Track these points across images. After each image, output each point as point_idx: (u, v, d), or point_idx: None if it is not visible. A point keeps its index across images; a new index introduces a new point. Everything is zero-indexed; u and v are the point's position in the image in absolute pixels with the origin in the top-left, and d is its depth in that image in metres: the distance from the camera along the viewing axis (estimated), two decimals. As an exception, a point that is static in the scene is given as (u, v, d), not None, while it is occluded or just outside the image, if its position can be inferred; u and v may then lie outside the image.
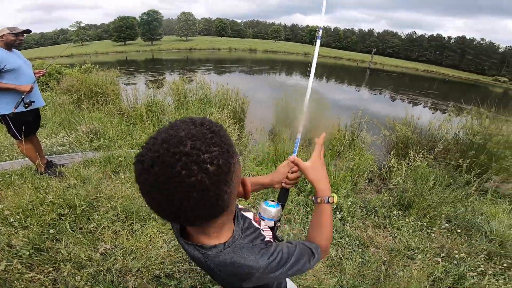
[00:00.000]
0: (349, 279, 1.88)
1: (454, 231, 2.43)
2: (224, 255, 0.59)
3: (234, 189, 0.51)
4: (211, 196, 0.45)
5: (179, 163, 0.41)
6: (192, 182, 0.42)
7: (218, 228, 0.60)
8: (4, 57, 2.36)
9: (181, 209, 0.45)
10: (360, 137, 4.16)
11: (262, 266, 0.60)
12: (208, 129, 0.46)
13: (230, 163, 0.46)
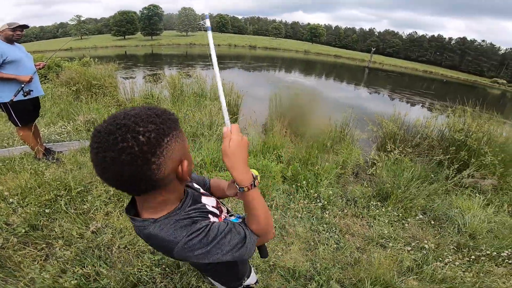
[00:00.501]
0: (323, 262, 1.99)
1: (428, 223, 2.56)
2: (149, 229, 0.64)
3: (165, 165, 0.57)
4: (138, 164, 0.52)
5: (118, 131, 0.51)
6: (123, 146, 0.50)
7: (158, 204, 0.66)
8: (5, 49, 2.49)
9: (115, 172, 0.52)
10: (350, 133, 4.31)
11: (180, 241, 0.63)
12: (154, 112, 0.56)
13: (162, 139, 0.54)
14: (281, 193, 2.66)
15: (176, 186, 0.66)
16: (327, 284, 1.82)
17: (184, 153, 0.63)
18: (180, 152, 0.60)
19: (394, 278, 1.83)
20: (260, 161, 2.91)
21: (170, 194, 0.67)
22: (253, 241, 0.72)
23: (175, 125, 0.59)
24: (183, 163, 0.62)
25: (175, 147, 0.58)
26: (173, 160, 0.58)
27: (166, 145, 0.55)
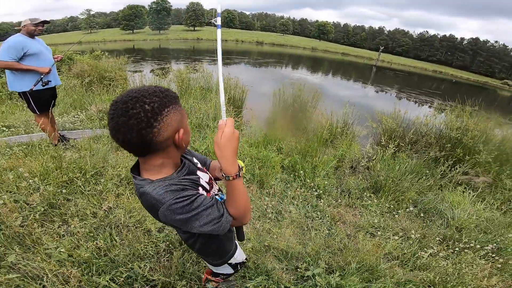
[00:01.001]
0: (314, 246, 2.11)
1: (417, 215, 2.68)
2: (145, 188, 0.76)
3: (164, 130, 0.70)
4: (143, 127, 0.66)
5: (130, 101, 0.66)
6: (133, 113, 0.65)
7: (156, 167, 0.78)
8: (27, 43, 2.70)
9: (125, 133, 0.66)
10: (351, 129, 4.43)
11: (166, 202, 0.73)
12: (159, 89, 0.72)
13: (163, 108, 0.69)
14: (279, 181, 2.82)
15: (173, 152, 0.79)
16: (316, 265, 1.95)
17: (181, 123, 0.75)
18: (177, 122, 0.73)
19: (379, 264, 1.96)
20: (261, 152, 3.07)
21: (167, 158, 0.79)
22: (228, 221, 0.81)
23: (175, 100, 0.74)
24: (179, 131, 0.75)
25: (173, 116, 0.71)
26: (171, 127, 0.71)
27: (166, 114, 0.69)
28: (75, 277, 1.58)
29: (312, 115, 4.21)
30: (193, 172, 0.90)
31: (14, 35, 2.76)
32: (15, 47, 2.64)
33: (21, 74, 2.75)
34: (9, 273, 1.56)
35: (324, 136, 3.58)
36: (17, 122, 4.02)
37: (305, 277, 1.85)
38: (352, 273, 1.83)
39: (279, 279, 1.79)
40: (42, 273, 1.57)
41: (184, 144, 0.79)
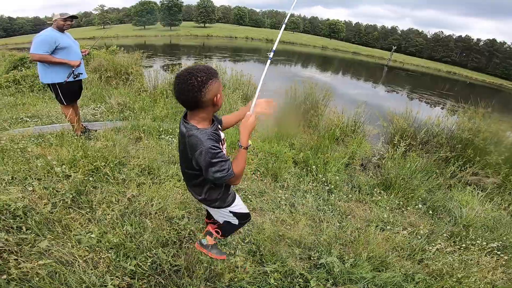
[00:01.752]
0: (326, 237, 2.20)
1: (426, 212, 2.74)
2: (193, 131, 1.17)
3: (208, 93, 1.11)
4: (195, 91, 1.08)
5: (188, 75, 1.08)
6: (190, 82, 1.07)
7: (200, 119, 1.21)
8: (58, 37, 2.86)
9: (184, 94, 1.10)
10: (362, 128, 4.48)
11: (206, 145, 1.13)
12: (205, 67, 1.12)
13: (207, 80, 1.09)
14: (292, 175, 2.92)
15: (211, 110, 1.20)
16: (328, 254, 2.03)
17: (219, 91, 1.16)
18: (216, 90, 1.14)
19: (388, 256, 2.04)
20: (273, 147, 3.17)
21: (206, 114, 1.21)
22: (230, 174, 1.19)
23: (216, 75, 1.14)
24: (217, 95, 1.16)
25: (214, 85, 1.12)
26: (212, 92, 1.12)
27: (210, 84, 1.10)
28: (104, 262, 1.66)
29: (324, 113, 4.29)
30: (217, 130, 1.29)
31: (46, 29, 2.91)
32: (48, 41, 2.79)
33: (52, 67, 2.91)
34: (41, 258, 1.61)
35: (335, 133, 3.65)
36: (40, 113, 4.23)
37: (318, 265, 1.94)
38: (363, 263, 1.92)
39: (294, 266, 1.88)
40: (72, 258, 1.65)
41: (219, 105, 1.20)
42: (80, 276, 1.55)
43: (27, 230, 1.78)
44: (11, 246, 1.64)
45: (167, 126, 3.69)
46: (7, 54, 9.78)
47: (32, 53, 2.80)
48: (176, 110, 4.27)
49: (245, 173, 2.85)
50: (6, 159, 2.55)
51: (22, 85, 5.77)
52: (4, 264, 1.54)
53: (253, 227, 2.17)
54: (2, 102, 4.67)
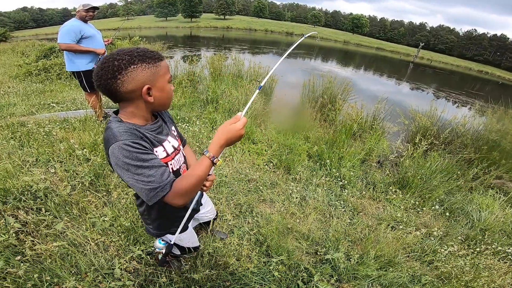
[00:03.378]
0: (335, 233, 2.16)
1: (443, 214, 2.62)
2: (112, 123, 0.85)
3: (127, 82, 0.80)
4: (108, 77, 0.79)
5: (106, 57, 0.81)
6: (104, 66, 0.80)
7: (128, 113, 0.89)
8: (82, 27, 2.97)
9: (99, 81, 0.81)
10: (381, 124, 4.33)
11: (120, 141, 0.79)
12: (137, 50, 0.83)
13: (129, 65, 0.79)
14: (305, 168, 2.89)
15: (140, 105, 0.87)
16: (335, 250, 2.00)
17: (150, 81, 0.83)
18: (144, 78, 0.82)
19: (397, 256, 1.98)
20: (288, 139, 3.14)
21: (136, 109, 0.88)
22: (163, 188, 0.82)
23: (150, 60, 0.83)
24: (146, 87, 0.83)
25: (139, 73, 0.81)
26: (135, 81, 0.81)
27: (131, 70, 0.80)
28: (114, 245, 1.70)
29: (342, 107, 4.17)
30: (162, 133, 0.99)
31: (70, 20, 3.03)
32: (73, 30, 2.91)
33: (77, 56, 3.04)
34: (56, 240, 1.65)
35: (353, 129, 3.56)
36: (65, 99, 4.45)
37: (323, 260, 1.92)
38: (369, 261, 1.87)
39: (299, 260, 1.88)
40: (85, 241, 1.68)
41: (153, 101, 0.87)
42: (90, 259, 1.58)
43: (45, 212, 1.82)
44: (29, 227, 1.70)
45: (183, 115, 3.76)
46: (38, 44, 10.37)
47: (59, 42, 2.93)
48: (193, 100, 4.34)
49: (257, 163, 2.85)
50: (31, 141, 2.69)
51: (51, 73, 6.10)
52: (20, 245, 1.60)
53: (262, 218, 2.18)
54: (31, 89, 4.94)
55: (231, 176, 2.59)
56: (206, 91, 4.58)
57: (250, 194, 2.45)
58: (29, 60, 7.40)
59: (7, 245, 1.57)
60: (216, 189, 2.40)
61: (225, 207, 2.20)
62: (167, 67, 0.89)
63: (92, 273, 1.51)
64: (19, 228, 1.69)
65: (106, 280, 1.49)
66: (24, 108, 3.85)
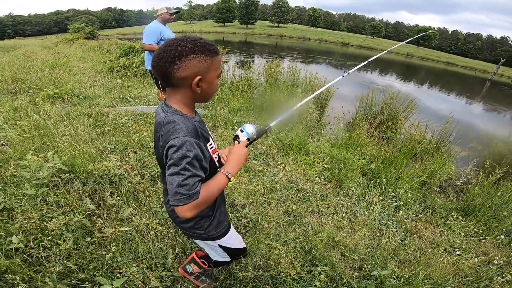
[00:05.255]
0: (383, 252, 2.05)
1: (508, 244, 2.35)
2: (176, 117, 0.87)
3: (183, 69, 0.81)
4: (168, 61, 0.80)
5: (171, 41, 0.83)
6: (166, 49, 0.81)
7: (178, 102, 0.90)
8: (163, 29, 3.35)
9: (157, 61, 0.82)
10: (447, 147, 3.94)
11: (189, 137, 0.83)
12: (200, 40, 0.84)
13: (189, 54, 0.81)
14: (358, 185, 2.80)
15: (187, 93, 0.89)
16: (381, 268, 1.89)
17: (203, 72, 0.85)
18: (199, 69, 0.83)
19: (447, 281, 1.83)
20: (342, 154, 3.08)
21: (182, 97, 0.90)
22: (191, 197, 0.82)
23: (208, 52, 0.84)
24: (198, 78, 0.84)
25: (196, 63, 0.82)
26: (190, 70, 0.82)
27: (190, 58, 0.81)
28: (171, 236, 1.81)
29: (403, 125, 3.90)
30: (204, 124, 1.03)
31: (152, 22, 3.38)
32: (156, 32, 3.28)
33: (155, 56, 3.44)
34: (122, 225, 1.74)
35: (414, 149, 3.31)
36: (140, 95, 5.04)
37: (368, 276, 1.86)
38: (417, 283, 1.76)
39: (342, 273, 1.84)
40: (146, 229, 1.78)
41: (200, 92, 0.88)
42: (148, 246, 1.68)
43: (117, 197, 1.97)
44: (101, 210, 1.85)
45: (239, 119, 3.97)
46: (120, 43, 11.96)
47: (144, 43, 3.29)
48: (250, 105, 4.54)
49: (309, 174, 2.86)
50: (112, 131, 3.07)
51: (129, 70, 6.97)
52: (91, 226, 1.74)
53: (309, 228, 2.18)
54: (113, 83, 5.71)
55: (282, 183, 2.65)
56: (262, 98, 4.75)
57: (300, 203, 2.48)
58: (112, 57, 8.59)
59: (80, 225, 1.71)
60: (267, 194, 2.49)
61: (274, 212, 2.26)
62: (220, 62, 0.91)
63: (147, 260, 1.60)
64: (93, 210, 1.83)
65: (158, 269, 1.58)
66: (107, 100, 4.47)
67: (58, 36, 20.66)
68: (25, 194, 1.85)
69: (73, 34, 18.18)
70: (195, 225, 1.08)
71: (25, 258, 1.51)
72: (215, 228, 1.12)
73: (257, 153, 3.13)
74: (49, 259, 1.54)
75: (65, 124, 3.06)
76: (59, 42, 15.24)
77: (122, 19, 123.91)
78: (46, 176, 1.93)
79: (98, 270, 1.50)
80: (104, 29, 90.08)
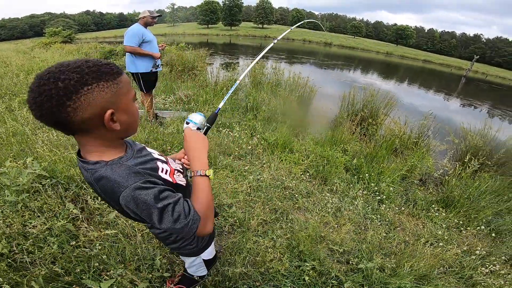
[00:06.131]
0: (368, 246, 2.12)
1: (488, 234, 2.47)
2: (101, 171, 0.68)
3: (82, 109, 0.61)
4: (53, 105, 0.59)
5: (44, 77, 0.59)
6: (44, 89, 0.58)
7: (97, 147, 0.71)
8: (144, 32, 3.33)
9: (37, 110, 0.60)
10: (426, 142, 4.12)
11: (131, 185, 0.67)
12: (87, 64, 0.63)
13: (81, 87, 0.60)
14: (342, 180, 2.88)
15: (104, 134, 0.69)
16: (367, 261, 1.95)
17: (113, 103, 0.66)
18: (104, 101, 0.64)
19: (433, 272, 1.91)
20: (326, 151, 3.16)
21: (101, 141, 0.71)
22: (195, 219, 0.73)
23: (107, 77, 0.64)
24: (109, 112, 0.65)
25: (97, 95, 0.62)
26: (92, 107, 0.62)
27: (85, 93, 0.60)
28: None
29: (383, 122, 4.05)
30: (142, 151, 0.85)
31: (134, 25, 3.37)
32: (137, 34, 3.26)
33: (137, 58, 3.38)
34: (107, 229, 1.74)
35: (394, 144, 3.44)
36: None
37: (355, 269, 1.92)
38: (403, 273, 1.83)
39: (330, 267, 1.89)
40: (133, 231, 1.78)
41: (119, 127, 0.70)
42: (135, 248, 1.68)
43: (101, 200, 1.94)
44: (84, 214, 1.86)
45: (224, 120, 3.98)
46: (99, 47, 11.69)
47: (125, 45, 3.27)
48: (234, 106, 4.56)
49: (294, 172, 2.92)
50: None
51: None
52: (75, 230, 1.74)
53: (296, 225, 2.23)
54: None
55: (268, 182, 2.69)
56: (246, 99, 4.79)
57: (286, 200, 2.52)
58: (92, 62, 8.37)
59: (64, 229, 1.71)
60: (253, 192, 2.52)
61: (261, 210, 2.30)
62: (129, 82, 0.72)
63: (135, 262, 1.61)
64: (76, 214, 1.84)
65: (145, 270, 1.59)
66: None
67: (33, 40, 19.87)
68: (6, 201, 1.84)
69: (49, 38, 17.55)
70: (182, 243, 1.05)
71: (10, 263, 1.50)
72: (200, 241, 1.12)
73: (243, 153, 3.16)
74: (34, 263, 1.53)
75: (44, 130, 2.98)
76: (34, 46, 14.68)
77: (102, 23, 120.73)
78: (26, 182, 1.90)
79: (85, 273, 1.50)
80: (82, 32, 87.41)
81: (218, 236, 2.04)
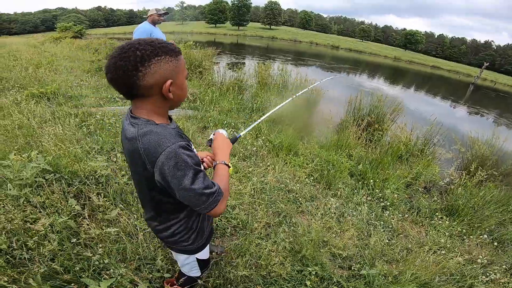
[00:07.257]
0: (371, 252, 2.10)
1: (490, 243, 2.45)
2: (151, 127, 0.77)
3: (149, 76, 0.72)
4: (129, 69, 0.70)
5: (127, 47, 0.72)
6: (123, 56, 0.70)
7: (148, 111, 0.80)
8: (152, 29, 3.36)
9: (114, 72, 0.71)
10: (432, 149, 4.06)
11: (176, 143, 0.75)
12: (158, 42, 0.75)
13: (152, 57, 0.72)
14: (346, 186, 2.85)
15: (160, 102, 0.80)
16: (370, 267, 1.94)
17: (172, 75, 0.77)
18: (167, 73, 0.75)
19: (434, 279, 1.89)
20: (331, 155, 3.13)
21: (154, 107, 0.81)
22: (220, 193, 0.84)
23: (172, 53, 0.76)
24: (169, 82, 0.76)
25: (163, 66, 0.74)
26: (157, 75, 0.74)
27: (155, 62, 0.72)
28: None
29: (390, 128, 4.01)
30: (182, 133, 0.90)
31: (143, 23, 3.43)
32: (147, 32, 3.30)
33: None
34: (109, 226, 1.73)
35: (400, 151, 3.40)
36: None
37: (357, 275, 1.90)
38: (405, 281, 1.81)
39: (332, 272, 1.87)
40: (134, 230, 1.76)
41: (172, 97, 0.80)
42: (136, 247, 1.67)
43: (104, 197, 1.94)
44: (87, 211, 1.83)
45: (230, 120, 3.97)
46: (109, 43, 11.80)
47: None
48: (240, 107, 4.55)
49: (298, 175, 2.89)
50: (99, 131, 3.04)
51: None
52: (77, 227, 1.72)
53: (299, 229, 2.20)
54: (100, 83, 5.59)
55: (272, 184, 2.67)
56: (252, 99, 4.77)
57: (289, 204, 2.50)
58: (100, 57, 8.47)
59: (65, 226, 1.69)
60: (257, 194, 2.50)
61: (264, 213, 2.28)
62: (185, 62, 0.83)
63: (136, 261, 1.60)
64: (79, 211, 1.82)
65: (146, 270, 1.57)
66: (94, 100, 4.39)
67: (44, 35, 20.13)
68: (8, 195, 1.81)
69: (60, 33, 17.76)
70: (179, 238, 1.04)
71: (8, 260, 1.48)
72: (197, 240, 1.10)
73: (247, 154, 3.15)
74: (33, 260, 1.51)
75: (50, 123, 2.99)
76: (45, 40, 14.87)
77: (112, 19, 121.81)
78: (30, 176, 1.88)
79: (84, 272, 1.48)
80: (93, 28, 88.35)
81: (220, 237, 2.03)
